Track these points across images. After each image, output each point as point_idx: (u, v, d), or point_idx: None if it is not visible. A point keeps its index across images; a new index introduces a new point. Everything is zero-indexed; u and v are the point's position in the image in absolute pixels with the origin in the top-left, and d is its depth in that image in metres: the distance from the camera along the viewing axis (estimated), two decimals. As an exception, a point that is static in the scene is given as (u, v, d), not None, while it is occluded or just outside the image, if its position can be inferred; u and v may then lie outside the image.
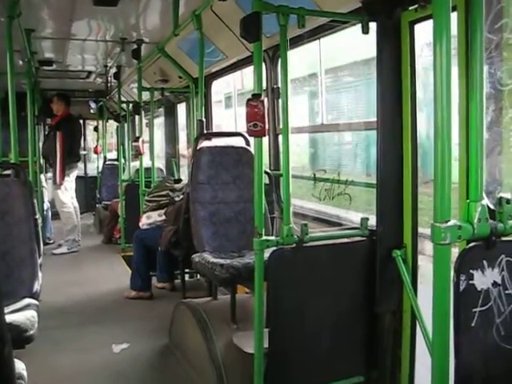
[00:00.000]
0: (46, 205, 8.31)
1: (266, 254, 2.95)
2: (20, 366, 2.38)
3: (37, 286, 3.39)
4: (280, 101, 3.12)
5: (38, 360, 3.72)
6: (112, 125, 12.22)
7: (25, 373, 2.43)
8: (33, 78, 6.54)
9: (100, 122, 11.36)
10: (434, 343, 1.75)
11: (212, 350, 3.47)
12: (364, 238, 3.22)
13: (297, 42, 3.91)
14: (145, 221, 5.67)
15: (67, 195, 7.82)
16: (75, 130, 8.11)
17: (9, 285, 3.21)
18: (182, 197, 5.15)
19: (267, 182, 4.46)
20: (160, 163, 8.51)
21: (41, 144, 8.51)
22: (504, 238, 1.82)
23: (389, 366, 3.27)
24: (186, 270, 5.38)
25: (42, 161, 8.07)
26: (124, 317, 5.11)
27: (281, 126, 3.22)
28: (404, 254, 3.10)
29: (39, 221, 3.59)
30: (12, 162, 4.23)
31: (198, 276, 5.70)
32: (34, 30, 5.82)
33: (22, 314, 3.02)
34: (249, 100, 2.83)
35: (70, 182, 7.90)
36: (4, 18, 4.30)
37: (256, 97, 2.82)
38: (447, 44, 1.70)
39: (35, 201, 3.60)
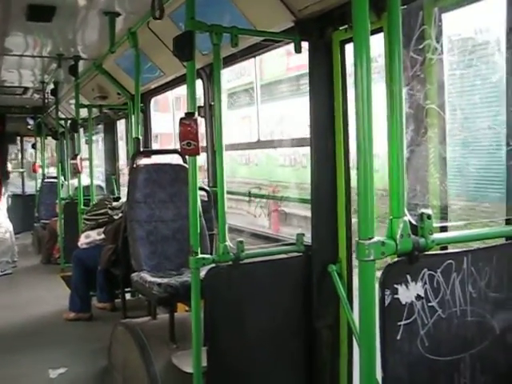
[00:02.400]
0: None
1: (204, 271, 2.94)
2: None
3: None
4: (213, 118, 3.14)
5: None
6: (51, 142, 11.95)
7: None
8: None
9: (38, 139, 11.08)
10: (361, 358, 1.79)
11: (151, 371, 3.41)
12: (300, 254, 3.26)
13: (232, 59, 3.95)
14: (83, 240, 5.56)
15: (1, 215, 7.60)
16: (7, 148, 7.92)
17: None
18: (121, 215, 5.08)
19: (206, 199, 4.46)
20: (100, 181, 8.37)
21: None
22: (426, 253, 1.88)
23: (328, 380, 3.30)
24: (127, 289, 5.29)
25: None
26: (62, 339, 4.98)
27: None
28: (339, 268, 3.15)
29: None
30: None
31: (140, 295, 5.61)
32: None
33: None
34: (182, 119, 2.84)
35: (2, 202, 7.68)
36: None
37: (189, 115, 2.83)
38: (367, 65, 1.75)
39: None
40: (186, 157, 4.14)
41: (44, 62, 6.78)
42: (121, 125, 8.19)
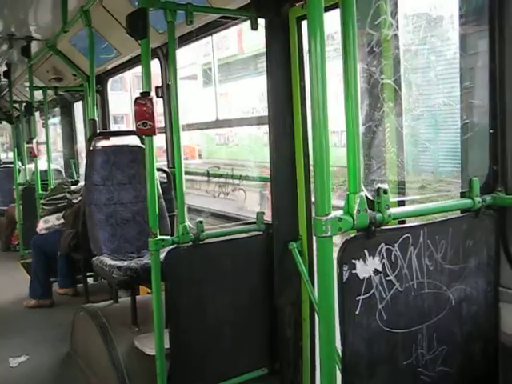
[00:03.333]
0: None
1: (164, 253, 2.92)
2: None
3: None
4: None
5: None
6: (7, 126, 11.62)
7: None
8: None
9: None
10: (321, 333, 1.80)
11: (113, 355, 3.39)
12: (260, 232, 3.26)
13: (188, 38, 3.88)
14: (42, 225, 5.44)
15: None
16: None
17: None
18: (80, 199, 4.99)
19: (166, 180, 4.41)
20: (58, 165, 8.20)
21: None
22: (383, 227, 1.89)
23: (291, 357, 3.34)
24: (89, 274, 5.22)
25: None
26: (23, 327, 4.89)
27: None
28: (300, 245, 3.17)
29: None
30: None
31: (102, 279, 5.54)
32: None
33: None
34: (137, 98, 2.78)
35: None
36: None
37: (144, 95, 2.77)
38: (321, 41, 1.73)
39: None
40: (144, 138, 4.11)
41: (-6, 42, 6.55)
42: (78, 107, 8.01)
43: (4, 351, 4.30)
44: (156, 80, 3.71)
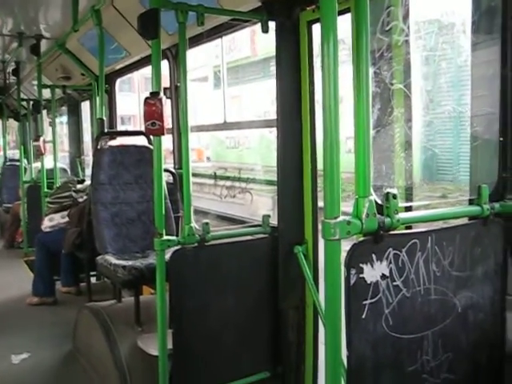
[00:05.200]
0: None
1: (169, 254, 2.91)
2: None
3: None
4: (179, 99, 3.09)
5: None
6: (15, 124, 11.66)
7: None
8: None
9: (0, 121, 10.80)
10: (326, 337, 1.79)
11: (116, 354, 3.39)
12: (266, 235, 3.25)
13: (199, 39, 3.89)
14: (47, 223, 5.45)
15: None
16: None
17: None
18: (85, 198, 4.99)
19: (172, 181, 4.41)
20: (64, 163, 8.21)
21: None
22: (391, 232, 1.89)
23: (293, 361, 3.33)
24: (92, 273, 5.22)
25: None
26: (26, 325, 4.89)
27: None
28: (305, 249, 3.16)
29: None
30: None
31: (105, 278, 5.54)
32: None
33: None
34: (146, 98, 2.78)
35: None
36: None
37: (154, 95, 2.77)
38: (334, 45, 1.73)
39: None
40: (152, 138, 4.12)
41: (4, 40, 6.56)
42: (85, 106, 8.03)
43: (6, 348, 4.30)
44: (164, 81, 3.72)
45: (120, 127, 6.95)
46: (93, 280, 5.41)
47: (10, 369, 3.99)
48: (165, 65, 4.63)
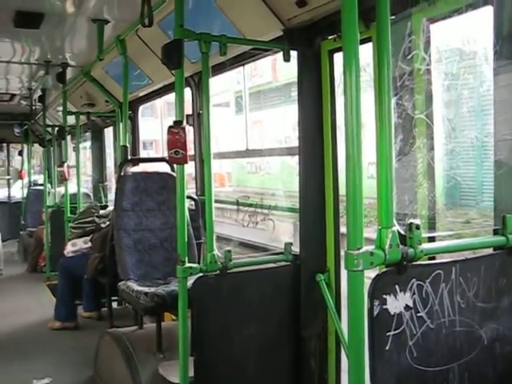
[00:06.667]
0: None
1: (191, 281, 2.92)
2: None
3: None
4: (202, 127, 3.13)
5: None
6: (39, 149, 11.86)
7: None
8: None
9: (25, 146, 11.00)
10: (350, 368, 1.78)
11: (137, 381, 3.38)
12: (288, 263, 3.24)
13: (221, 68, 3.94)
14: (70, 248, 5.50)
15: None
16: None
17: None
18: (108, 223, 5.04)
19: (194, 207, 4.44)
20: (86, 188, 8.31)
21: None
22: (415, 263, 1.88)
23: (316, 389, 3.29)
24: (114, 298, 5.24)
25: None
26: (47, 349, 4.91)
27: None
28: (327, 277, 3.15)
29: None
30: None
31: (126, 304, 5.56)
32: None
33: None
34: (170, 127, 2.82)
35: None
36: None
37: (177, 124, 2.81)
38: (356, 74, 1.75)
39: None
40: (174, 165, 4.16)
41: (32, 68, 6.73)
42: (108, 132, 8.15)
43: (28, 373, 4.32)
44: (186, 107, 3.77)
45: (142, 152, 7.05)
46: (114, 305, 5.42)
47: (32, 394, 4.01)
48: (187, 91, 4.69)
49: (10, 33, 4.98)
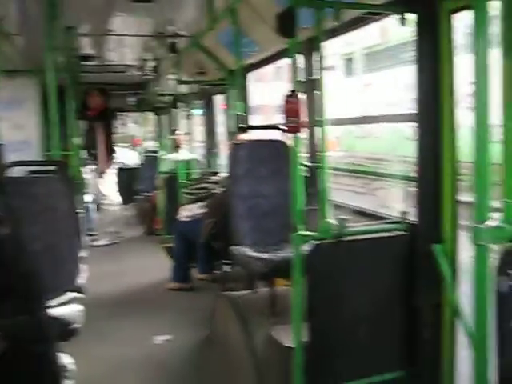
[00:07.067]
0: (89, 197, 8.45)
1: (304, 247, 2.96)
2: (66, 360, 2.46)
3: (81, 280, 3.49)
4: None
5: (82, 351, 3.83)
6: (152, 117, 12.33)
7: (72, 366, 2.51)
8: (73, 74, 6.66)
9: (139, 115, 11.49)
10: (474, 344, 1.75)
11: (250, 344, 3.50)
12: (403, 232, 3.19)
13: (333, 33, 3.87)
14: (185, 213, 5.74)
15: (107, 187, 8.01)
16: (112, 123, 8.35)
17: (54, 279, 3.29)
18: (220, 190, 5.19)
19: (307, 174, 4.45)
20: (199, 155, 8.56)
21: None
22: (546, 238, 1.79)
23: (430, 360, 3.24)
24: (226, 262, 5.43)
25: (83, 154, 8.22)
26: (165, 308, 5.21)
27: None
28: (444, 248, 3.06)
29: (82, 214, 3.68)
30: (55, 159, 4.36)
31: (237, 267, 5.74)
32: (74, 27, 5.93)
33: (67, 308, 3.12)
34: (285, 96, 2.84)
35: (109, 175, 8.08)
36: (45, 18, 4.40)
37: (292, 93, 2.82)
38: (485, 33, 1.67)
39: (78, 196, 3.70)
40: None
41: (144, 40, 6.98)
42: (217, 100, 8.32)
43: (148, 329, 4.62)
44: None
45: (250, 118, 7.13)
46: (226, 269, 5.62)
47: (153, 349, 4.29)
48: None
49: (126, 7, 5.18)
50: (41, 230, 3.40)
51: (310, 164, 4.58)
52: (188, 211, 5.67)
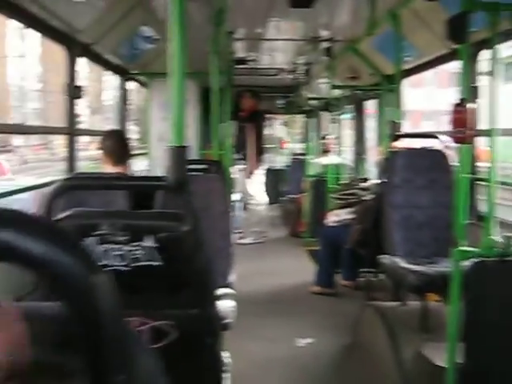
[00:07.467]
0: (237, 196, 8.73)
1: (464, 264, 2.82)
2: (225, 355, 2.56)
3: (232, 276, 3.61)
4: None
5: (234, 346, 3.97)
6: (299, 120, 12.47)
7: (229, 360, 2.61)
8: (229, 77, 6.94)
9: (287, 117, 11.68)
10: None
11: (399, 358, 3.41)
12: None
13: (506, 36, 3.65)
14: (333, 218, 5.73)
15: (255, 188, 8.23)
16: (262, 125, 8.58)
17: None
18: (371, 196, 5.12)
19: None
20: (348, 161, 8.49)
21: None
22: None
23: None
24: (371, 270, 5.33)
25: (234, 154, 8.52)
26: (308, 311, 5.23)
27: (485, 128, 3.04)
28: None
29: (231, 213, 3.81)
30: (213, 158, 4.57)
31: (384, 278, 5.62)
32: (233, 32, 6.17)
33: (221, 303, 3.24)
34: (454, 105, 2.72)
35: (258, 175, 8.31)
36: (212, 24, 4.62)
37: (462, 101, 2.70)
38: None
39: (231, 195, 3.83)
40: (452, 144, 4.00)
41: (298, 44, 7.08)
42: (367, 105, 8.20)
43: (292, 330, 4.66)
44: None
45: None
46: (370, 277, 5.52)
47: (296, 350, 4.31)
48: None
49: (283, 13, 5.28)
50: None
51: (469, 176, 4.35)
52: (336, 216, 5.65)
